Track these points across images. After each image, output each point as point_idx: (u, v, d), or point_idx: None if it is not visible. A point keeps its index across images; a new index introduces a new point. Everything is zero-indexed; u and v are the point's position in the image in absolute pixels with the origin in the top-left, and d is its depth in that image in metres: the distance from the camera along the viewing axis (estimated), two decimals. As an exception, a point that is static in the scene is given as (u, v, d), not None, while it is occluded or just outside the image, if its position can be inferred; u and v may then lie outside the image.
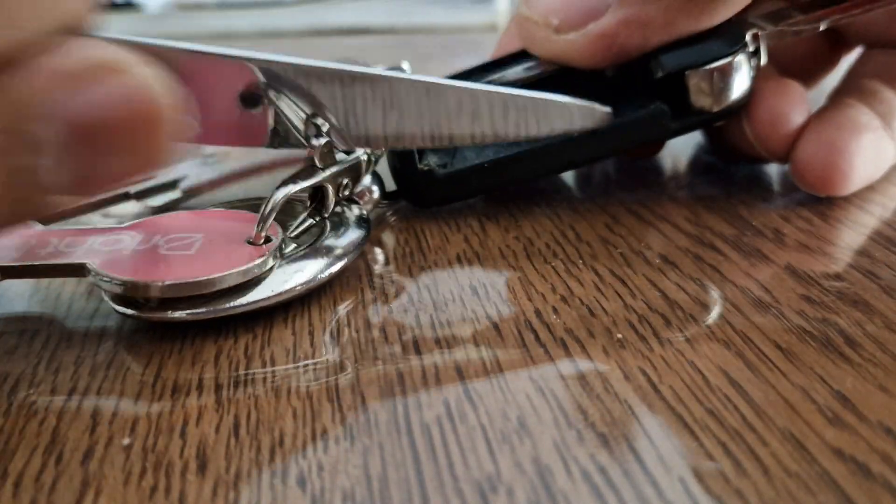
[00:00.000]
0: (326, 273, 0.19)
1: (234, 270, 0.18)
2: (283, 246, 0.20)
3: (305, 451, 0.15)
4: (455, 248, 0.22)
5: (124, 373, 0.17)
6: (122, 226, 0.20)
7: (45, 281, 0.21)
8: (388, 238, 0.23)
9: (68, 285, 0.21)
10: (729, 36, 0.23)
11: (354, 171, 0.22)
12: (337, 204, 0.21)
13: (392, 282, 0.21)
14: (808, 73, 0.29)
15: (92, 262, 0.18)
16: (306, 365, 0.17)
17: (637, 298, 0.19)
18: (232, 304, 0.18)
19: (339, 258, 0.20)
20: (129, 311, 0.18)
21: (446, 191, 0.24)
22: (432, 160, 0.24)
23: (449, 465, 0.14)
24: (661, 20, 0.22)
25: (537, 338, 0.18)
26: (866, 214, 0.24)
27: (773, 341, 0.17)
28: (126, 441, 0.15)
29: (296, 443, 0.15)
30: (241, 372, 0.17)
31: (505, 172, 0.24)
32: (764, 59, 0.24)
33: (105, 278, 0.18)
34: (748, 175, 0.27)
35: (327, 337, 0.18)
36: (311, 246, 0.20)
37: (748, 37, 0.23)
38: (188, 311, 0.18)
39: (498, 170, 0.24)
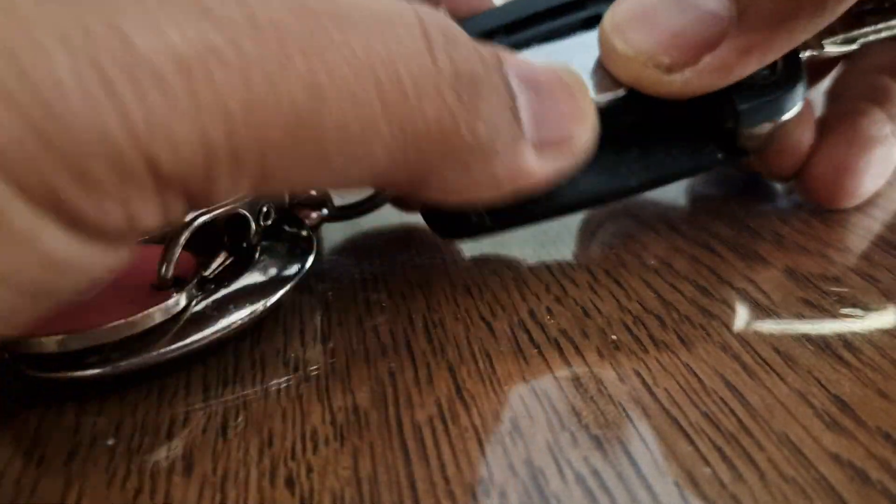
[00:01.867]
0: (247, 317, 0.17)
1: (119, 322, 0.16)
2: (198, 286, 0.17)
3: (294, 452, 0.14)
4: (448, 247, 0.22)
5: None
6: None
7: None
8: (380, 237, 0.23)
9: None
10: (791, 70, 0.21)
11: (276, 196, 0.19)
12: (262, 233, 0.19)
13: (384, 281, 0.20)
14: (822, 65, 0.28)
15: None
16: (296, 364, 0.17)
17: (632, 300, 0.19)
18: (137, 358, 0.16)
19: (259, 299, 0.18)
20: (32, 373, 0.16)
21: (489, 231, 0.21)
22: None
23: (440, 466, 0.14)
24: (783, 40, 0.19)
25: (531, 338, 0.18)
26: (866, 217, 0.23)
27: (771, 344, 0.17)
28: (110, 442, 0.15)
29: (285, 444, 0.15)
30: (230, 371, 0.17)
31: (553, 214, 0.22)
32: None
33: None
34: (746, 176, 0.27)
35: (318, 336, 0.18)
36: (231, 284, 0.18)
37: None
38: (88, 372, 0.16)
39: (548, 213, 0.21)
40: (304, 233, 0.20)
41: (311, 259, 0.19)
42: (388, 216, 0.24)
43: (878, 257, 0.21)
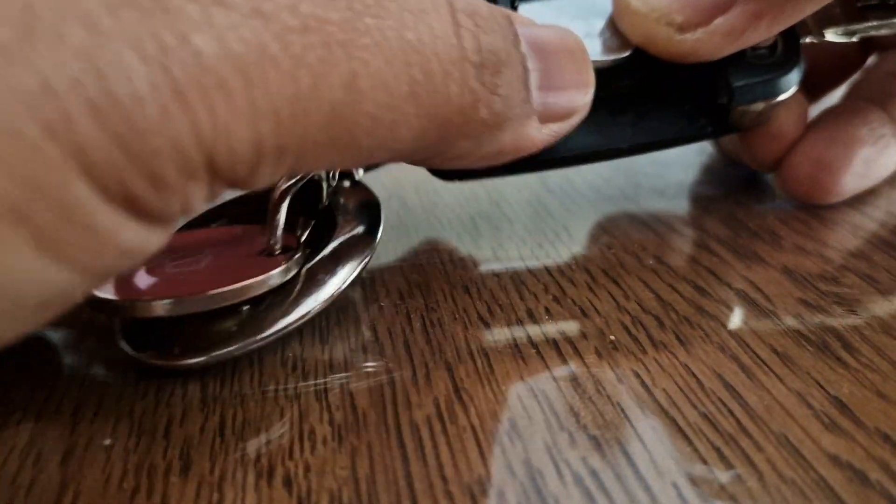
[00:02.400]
0: (358, 269, 0.18)
1: (252, 281, 0.16)
2: (303, 252, 0.18)
3: (292, 451, 0.14)
4: (446, 246, 0.22)
5: (106, 371, 0.17)
6: None
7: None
8: (379, 237, 0.23)
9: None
10: (789, 52, 0.21)
11: None
12: (331, 193, 0.20)
13: (382, 280, 0.20)
14: (836, 73, 0.28)
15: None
16: (294, 363, 0.17)
17: (630, 300, 0.19)
18: (271, 329, 0.16)
19: (364, 251, 0.18)
20: (159, 362, 0.16)
21: (481, 177, 0.22)
22: None
23: (438, 466, 0.14)
24: (793, 7, 0.19)
25: (529, 338, 0.18)
26: (865, 218, 0.23)
27: (769, 345, 0.17)
28: (107, 441, 0.15)
29: (282, 443, 0.14)
30: (228, 370, 0.17)
31: (544, 167, 0.22)
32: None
33: (106, 303, 0.16)
34: (744, 176, 0.27)
35: (316, 335, 0.18)
36: (327, 245, 0.18)
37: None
38: (210, 354, 0.16)
39: (539, 166, 0.21)
40: (356, 184, 0.21)
41: (381, 207, 0.20)
42: (386, 215, 0.24)
43: (877, 258, 0.21)
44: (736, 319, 0.18)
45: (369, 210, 0.20)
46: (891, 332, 0.17)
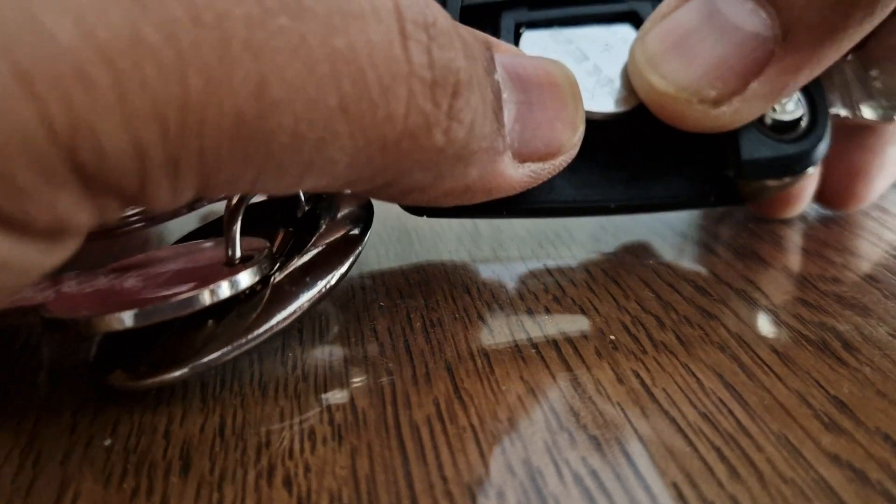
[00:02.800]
0: (334, 279, 0.17)
1: (206, 288, 0.15)
2: (271, 262, 0.17)
3: (292, 451, 0.14)
4: (447, 246, 0.22)
5: (108, 370, 0.17)
6: (100, 268, 0.18)
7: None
8: (379, 237, 0.23)
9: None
10: (815, 125, 0.19)
11: None
12: (315, 201, 0.19)
13: (382, 280, 0.20)
14: None
15: (46, 305, 0.15)
16: (294, 363, 0.17)
17: (630, 299, 0.19)
18: (236, 342, 0.16)
19: (342, 260, 0.17)
20: (122, 383, 0.16)
21: (453, 216, 0.20)
22: None
23: (438, 466, 0.14)
24: (832, 52, 0.17)
25: (529, 338, 0.18)
26: (865, 217, 0.23)
27: (769, 345, 0.17)
28: (107, 441, 0.15)
29: (282, 443, 0.14)
30: (228, 370, 0.17)
31: (523, 215, 0.20)
32: None
33: (59, 322, 0.15)
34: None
35: (315, 335, 0.18)
36: (301, 257, 0.17)
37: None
38: (189, 366, 0.15)
39: (518, 213, 0.20)
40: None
41: (372, 212, 0.19)
42: (385, 215, 0.24)
43: (878, 257, 0.21)
44: (736, 319, 0.18)
45: (357, 217, 0.19)
46: (890, 332, 0.17)
